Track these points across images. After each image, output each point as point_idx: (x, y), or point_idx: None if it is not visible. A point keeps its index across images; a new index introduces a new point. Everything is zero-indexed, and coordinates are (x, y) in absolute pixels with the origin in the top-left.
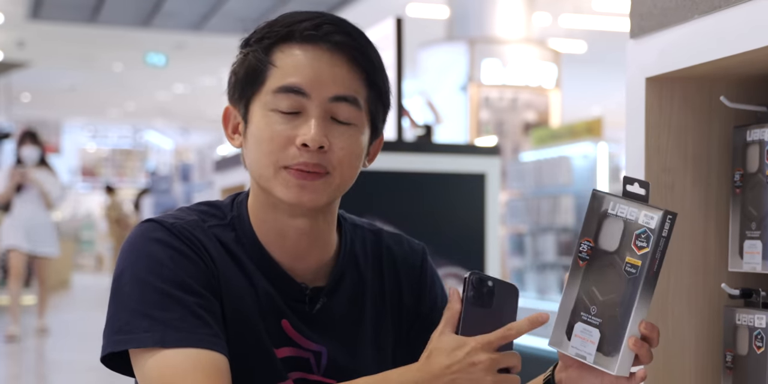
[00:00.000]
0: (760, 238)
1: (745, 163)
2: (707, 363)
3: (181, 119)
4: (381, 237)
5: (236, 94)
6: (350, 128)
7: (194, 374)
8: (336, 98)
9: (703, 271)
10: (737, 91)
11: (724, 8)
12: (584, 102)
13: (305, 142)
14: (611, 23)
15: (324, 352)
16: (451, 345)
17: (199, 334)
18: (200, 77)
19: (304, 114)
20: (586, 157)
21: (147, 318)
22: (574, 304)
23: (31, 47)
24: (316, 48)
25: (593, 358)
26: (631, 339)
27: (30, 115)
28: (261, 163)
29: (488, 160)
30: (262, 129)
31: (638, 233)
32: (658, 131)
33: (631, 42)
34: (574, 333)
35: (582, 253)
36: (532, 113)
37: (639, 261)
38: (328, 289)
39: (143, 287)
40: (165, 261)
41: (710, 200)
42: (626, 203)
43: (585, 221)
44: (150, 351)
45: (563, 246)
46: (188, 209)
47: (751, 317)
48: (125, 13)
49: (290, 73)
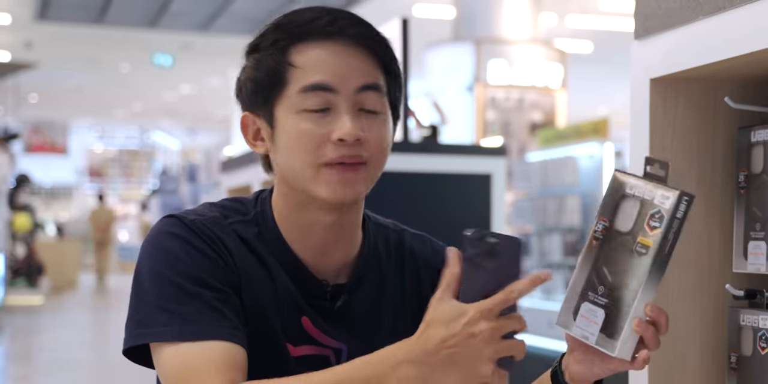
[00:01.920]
0: (765, 239)
1: (750, 164)
2: (711, 364)
3: (188, 120)
4: (404, 237)
5: (257, 100)
6: (378, 116)
7: (207, 366)
8: (362, 88)
9: (707, 271)
10: (742, 92)
11: (729, 9)
12: (591, 102)
13: (342, 137)
14: (618, 23)
15: (344, 349)
16: (448, 315)
17: (215, 326)
18: (207, 78)
19: (334, 110)
20: (593, 157)
21: (165, 312)
22: (584, 285)
23: (39, 48)
24: (334, 43)
25: (596, 338)
26: (635, 321)
27: (37, 116)
28: (299, 164)
29: (494, 160)
30: (293, 132)
31: (652, 213)
32: (663, 132)
33: (636, 43)
34: (580, 313)
35: (597, 232)
36: (538, 113)
37: (651, 241)
38: (350, 286)
39: (161, 282)
40: (182, 256)
41: (714, 201)
42: (644, 183)
43: (603, 201)
44: (168, 345)
45: (569, 246)
46: (211, 205)
47: (756, 318)
48: (132, 13)
49: (314, 72)
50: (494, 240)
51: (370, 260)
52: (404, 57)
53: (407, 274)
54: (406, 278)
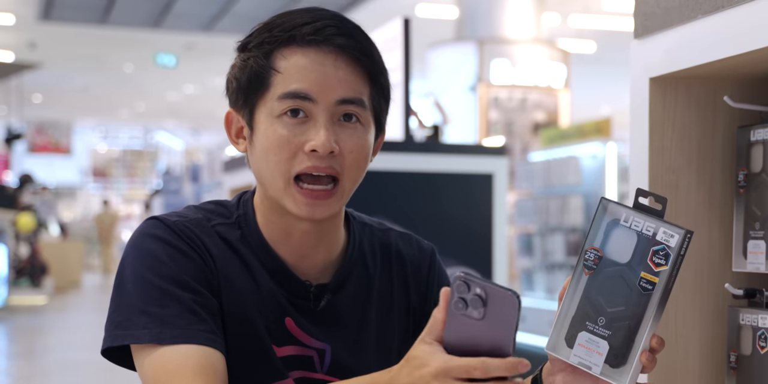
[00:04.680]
0: (764, 238)
1: (749, 163)
2: (711, 363)
3: (192, 120)
4: (390, 236)
5: (239, 100)
6: (357, 128)
7: (185, 371)
8: (342, 101)
9: (707, 271)
10: (741, 91)
11: (728, 8)
12: (593, 102)
13: (315, 148)
14: (621, 23)
15: (328, 350)
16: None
17: (194, 330)
18: (210, 78)
19: (312, 119)
20: (595, 157)
21: (145, 314)
22: (576, 312)
23: (42, 48)
24: (318, 52)
25: (600, 369)
26: (643, 354)
27: (41, 116)
28: (271, 173)
29: (496, 160)
30: (269, 137)
31: (656, 250)
32: (662, 131)
33: (635, 42)
34: (578, 342)
35: (588, 261)
36: (541, 113)
37: (656, 278)
38: (333, 286)
39: (142, 284)
40: (163, 258)
41: (714, 200)
42: (641, 217)
43: (591, 229)
44: (147, 347)
45: (572, 246)
46: (195, 208)
47: (755, 317)
48: (135, 14)
49: (295, 79)
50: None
51: (355, 260)
52: (406, 57)
53: (395, 274)
54: (393, 279)
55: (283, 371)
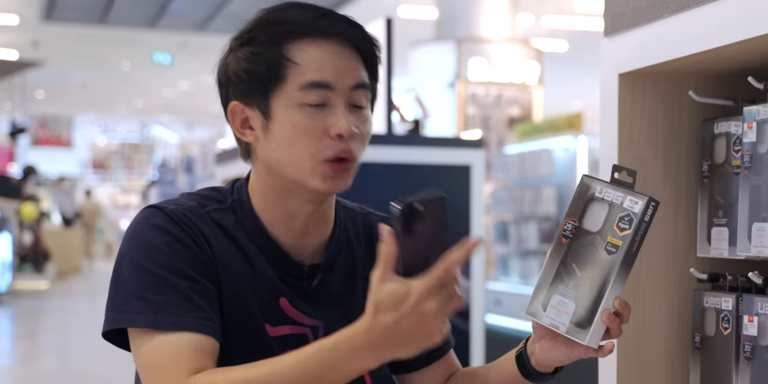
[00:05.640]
0: (727, 226)
1: (713, 155)
2: (677, 344)
3: (186, 115)
4: (371, 219)
5: (251, 92)
6: (365, 112)
7: (177, 357)
8: (355, 86)
9: (673, 256)
10: (705, 86)
11: (693, 7)
12: (566, 98)
13: (340, 132)
14: (591, 23)
15: (321, 326)
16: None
17: (189, 317)
18: (204, 75)
19: (330, 105)
20: (567, 150)
21: (142, 300)
22: (553, 279)
23: (45, 47)
24: (332, 43)
25: (566, 328)
26: (604, 313)
27: (44, 111)
28: (296, 158)
29: (473, 152)
30: (295, 125)
31: (622, 216)
32: (631, 124)
33: (605, 40)
34: (551, 304)
35: (566, 231)
36: (516, 108)
37: (620, 241)
38: (325, 265)
39: (140, 271)
40: (162, 247)
41: (680, 189)
42: (613, 188)
43: (572, 203)
44: (143, 333)
45: (545, 234)
46: (189, 195)
47: (718, 300)
48: (133, 14)
49: (315, 69)
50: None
51: (342, 241)
52: (389, 55)
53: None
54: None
55: (276, 351)
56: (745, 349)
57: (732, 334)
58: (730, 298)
